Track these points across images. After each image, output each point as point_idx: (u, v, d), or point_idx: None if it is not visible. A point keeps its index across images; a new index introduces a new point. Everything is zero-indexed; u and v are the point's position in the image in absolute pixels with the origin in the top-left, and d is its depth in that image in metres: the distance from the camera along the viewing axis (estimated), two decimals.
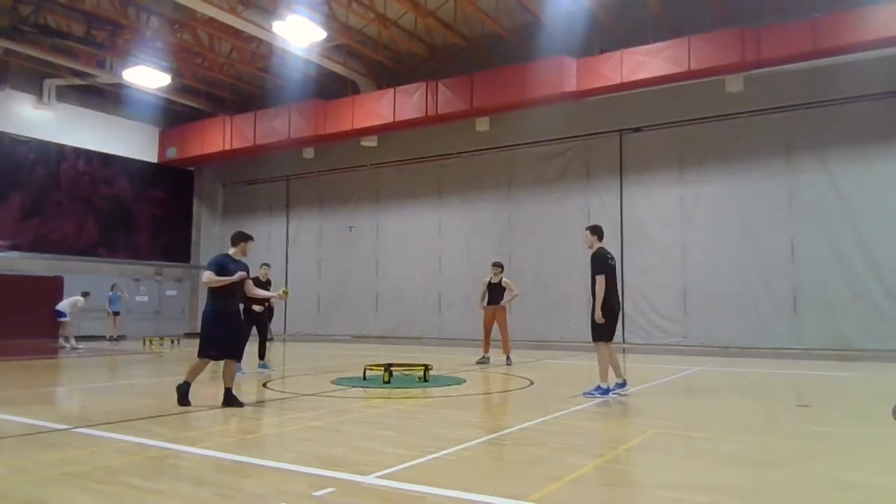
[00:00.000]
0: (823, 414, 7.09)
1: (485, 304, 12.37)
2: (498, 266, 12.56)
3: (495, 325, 12.36)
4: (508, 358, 12.12)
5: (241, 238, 7.40)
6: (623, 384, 7.84)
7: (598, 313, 7.66)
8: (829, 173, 14.92)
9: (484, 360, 12.22)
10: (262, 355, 11.18)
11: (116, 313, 19.19)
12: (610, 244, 17.76)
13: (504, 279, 12.41)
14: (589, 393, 7.69)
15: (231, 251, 7.33)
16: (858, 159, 14.64)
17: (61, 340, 16.71)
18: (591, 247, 8.03)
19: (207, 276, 6.94)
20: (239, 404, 7.05)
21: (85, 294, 17.31)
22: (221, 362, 7.18)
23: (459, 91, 17.27)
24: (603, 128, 17.63)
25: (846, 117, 14.75)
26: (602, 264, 7.80)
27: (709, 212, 16.23)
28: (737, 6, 15.20)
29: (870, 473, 4.47)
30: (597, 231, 8.06)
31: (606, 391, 7.65)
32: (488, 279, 12.46)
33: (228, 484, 4.09)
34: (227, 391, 7.10)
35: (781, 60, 13.99)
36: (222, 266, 7.03)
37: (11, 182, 19.92)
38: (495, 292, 12.39)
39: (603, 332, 7.76)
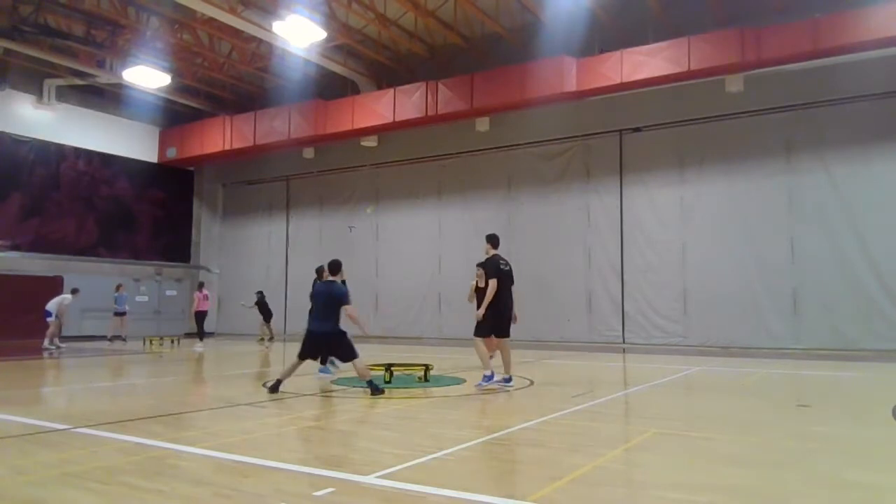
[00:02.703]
0: (823, 414, 7.09)
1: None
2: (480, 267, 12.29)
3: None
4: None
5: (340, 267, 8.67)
6: (492, 377, 8.46)
7: (481, 312, 8.35)
8: (829, 173, 14.92)
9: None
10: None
11: (121, 313, 19.05)
12: (610, 244, 17.83)
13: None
14: (479, 384, 8.35)
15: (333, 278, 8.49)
16: (858, 159, 14.64)
17: (45, 342, 16.22)
18: (486, 254, 8.73)
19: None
20: (379, 391, 7.77)
21: (74, 291, 17.14)
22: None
23: (459, 91, 17.27)
24: (603, 128, 17.63)
25: (846, 117, 14.76)
26: (495, 269, 8.45)
27: (709, 212, 16.23)
28: (737, 6, 15.20)
29: (870, 473, 4.47)
30: (491, 240, 8.80)
31: (491, 376, 8.34)
32: (474, 282, 11.85)
33: (228, 484, 4.09)
34: (369, 383, 7.87)
35: (781, 60, 13.99)
36: None
37: (11, 182, 19.91)
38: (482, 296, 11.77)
39: (482, 328, 8.47)
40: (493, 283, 8.34)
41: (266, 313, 20.00)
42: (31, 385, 9.78)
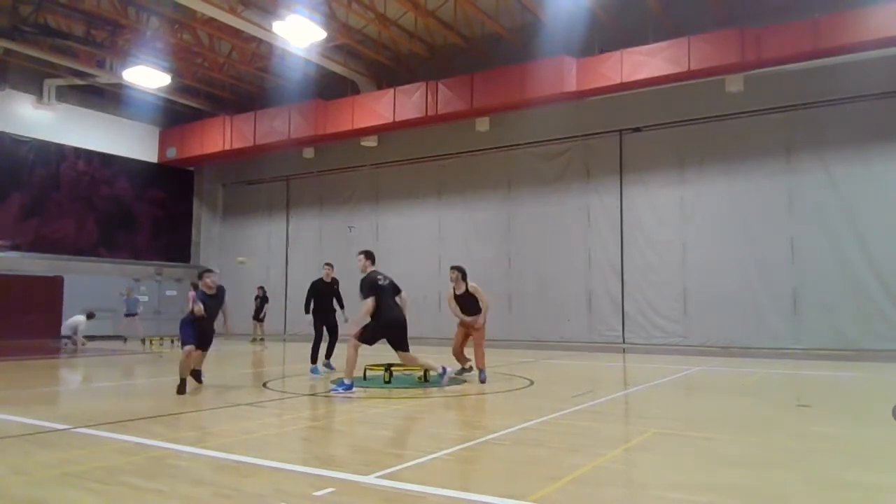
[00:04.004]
0: (823, 414, 7.09)
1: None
2: (455, 270, 9.92)
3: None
4: (482, 373, 9.62)
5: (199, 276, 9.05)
6: (350, 386, 8.14)
7: (359, 320, 8.24)
8: (829, 173, 14.92)
9: (467, 370, 10.09)
10: (328, 355, 11.11)
11: (130, 315, 19.00)
12: (610, 244, 17.81)
13: (472, 284, 9.92)
14: (335, 389, 8.17)
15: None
16: (858, 159, 14.64)
17: (69, 343, 16.58)
18: (363, 270, 8.41)
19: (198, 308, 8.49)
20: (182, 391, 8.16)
21: (90, 315, 16.90)
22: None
23: (459, 91, 17.27)
24: (603, 128, 17.63)
25: (846, 117, 14.76)
26: (372, 287, 8.21)
27: (709, 212, 16.23)
28: (737, 6, 15.21)
29: (870, 473, 4.47)
30: (370, 256, 8.55)
31: (350, 386, 8.06)
32: (453, 288, 9.98)
33: (228, 484, 4.09)
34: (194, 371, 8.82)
35: (781, 60, 13.99)
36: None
37: (11, 182, 19.91)
38: (466, 305, 9.91)
39: (365, 334, 8.18)
40: (370, 302, 8.11)
41: (260, 311, 20.01)
42: (31, 385, 9.77)
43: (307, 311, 10.90)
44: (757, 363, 12.63)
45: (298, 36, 15.84)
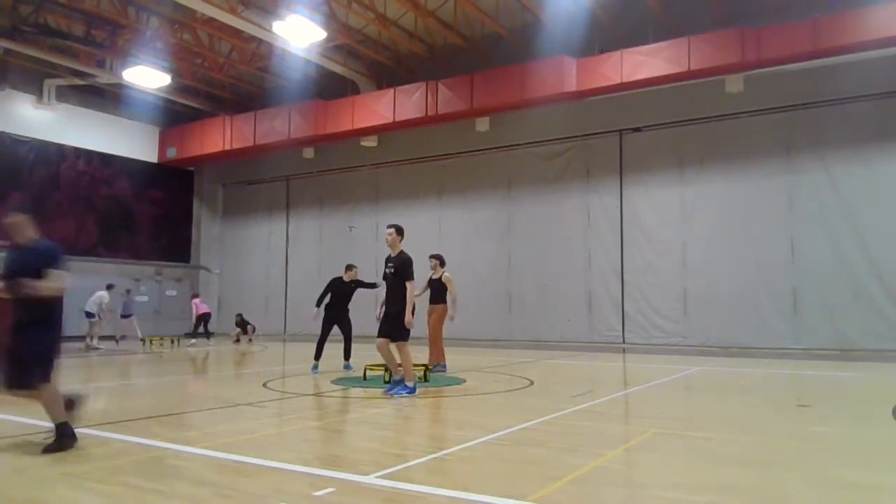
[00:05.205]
0: (823, 414, 7.09)
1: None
2: (434, 258, 11.14)
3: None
4: (436, 367, 10.49)
5: None
6: (413, 389, 7.94)
7: (409, 317, 7.63)
8: (829, 173, 14.92)
9: (439, 369, 10.72)
10: (346, 356, 11.19)
11: (126, 316, 18.96)
12: (610, 244, 17.82)
13: (445, 274, 10.97)
14: (397, 392, 7.73)
15: None
16: (858, 159, 14.63)
17: (87, 340, 16.63)
18: (392, 246, 7.89)
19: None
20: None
21: (109, 287, 17.02)
22: None
23: (459, 91, 17.26)
24: (603, 128, 17.62)
25: (846, 117, 14.76)
26: (412, 268, 7.74)
27: (709, 212, 16.22)
28: (737, 6, 15.20)
29: (870, 473, 4.47)
30: (401, 232, 7.93)
31: (413, 389, 7.77)
32: (430, 275, 11.00)
33: (228, 484, 4.08)
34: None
35: (781, 60, 13.99)
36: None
37: (11, 182, 19.88)
38: (434, 290, 11.02)
39: (408, 332, 7.79)
40: (412, 285, 7.67)
41: (243, 325, 20.13)
42: None
43: (318, 305, 11.03)
44: (757, 363, 12.63)
45: (298, 36, 15.84)
